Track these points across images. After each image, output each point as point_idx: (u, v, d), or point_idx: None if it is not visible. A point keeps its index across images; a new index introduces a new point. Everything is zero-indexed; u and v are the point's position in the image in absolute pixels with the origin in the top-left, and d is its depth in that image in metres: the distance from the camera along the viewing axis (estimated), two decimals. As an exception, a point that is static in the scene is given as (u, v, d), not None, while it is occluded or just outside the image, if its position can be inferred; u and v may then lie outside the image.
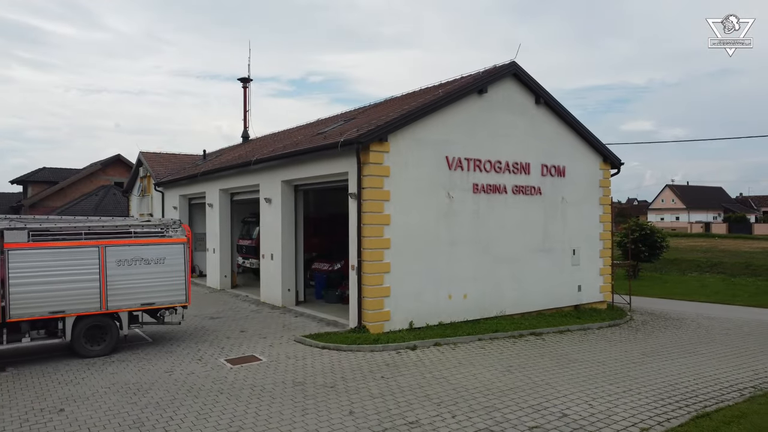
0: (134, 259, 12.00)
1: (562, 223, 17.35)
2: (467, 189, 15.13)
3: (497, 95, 15.80)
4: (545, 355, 11.73)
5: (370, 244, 13.43)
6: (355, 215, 13.71)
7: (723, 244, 69.48)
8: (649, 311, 19.29)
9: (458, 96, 14.87)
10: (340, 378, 9.97)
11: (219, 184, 21.76)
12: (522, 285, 16.26)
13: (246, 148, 26.41)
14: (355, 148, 13.25)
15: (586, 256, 18.08)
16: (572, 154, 17.70)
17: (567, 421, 7.78)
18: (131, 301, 12.03)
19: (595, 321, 16.03)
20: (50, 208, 43.23)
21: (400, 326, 13.81)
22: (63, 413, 8.28)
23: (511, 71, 16.01)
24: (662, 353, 12.39)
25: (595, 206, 18.40)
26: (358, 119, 17.81)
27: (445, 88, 16.35)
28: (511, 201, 16.10)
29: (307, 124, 24.77)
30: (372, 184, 13.42)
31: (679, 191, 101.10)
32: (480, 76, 15.58)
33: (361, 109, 20.78)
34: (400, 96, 19.65)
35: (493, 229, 15.66)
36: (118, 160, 46.98)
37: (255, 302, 18.70)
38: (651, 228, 32.47)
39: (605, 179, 18.73)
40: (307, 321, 15.21)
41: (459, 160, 14.96)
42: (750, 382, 9.96)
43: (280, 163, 17.06)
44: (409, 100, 17.21)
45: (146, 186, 31.24)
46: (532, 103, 16.67)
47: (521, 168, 16.35)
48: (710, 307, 21.37)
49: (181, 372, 10.41)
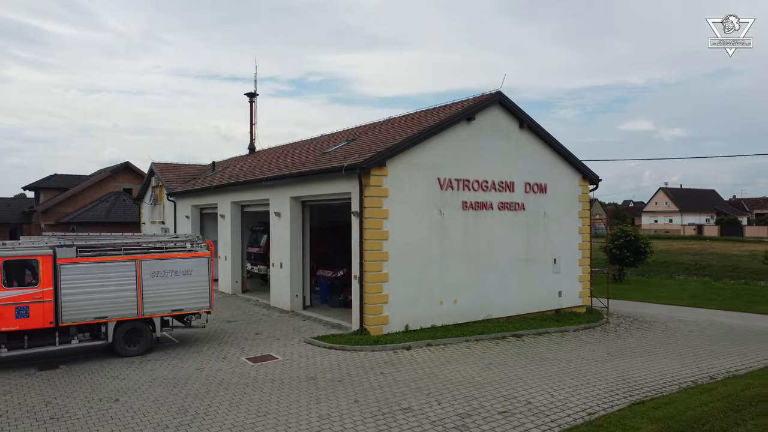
0: (166, 271, 13.83)
1: (544, 235, 19.18)
2: (457, 206, 16.97)
3: (484, 122, 17.63)
4: (521, 354, 13.57)
5: (370, 257, 15.26)
6: (357, 231, 15.55)
7: (713, 247, 71.42)
8: (625, 314, 21.10)
9: (449, 124, 16.71)
10: (346, 373, 11.79)
11: (231, 196, 23.58)
12: (507, 291, 18.09)
13: (254, 161, 28.23)
14: (357, 173, 15.08)
15: (567, 265, 19.91)
16: (553, 172, 19.53)
17: (530, 408, 9.61)
18: (163, 308, 13.86)
19: (572, 324, 17.87)
20: (62, 214, 45.03)
21: (398, 329, 15.64)
22: (118, 403, 10.09)
23: (496, 100, 17.85)
24: (625, 353, 14.22)
25: (574, 219, 20.23)
26: (360, 140, 19.64)
27: (437, 114, 18.18)
28: (497, 216, 17.93)
29: (312, 140, 26.59)
30: (372, 204, 15.25)
31: (673, 194, 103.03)
32: (469, 106, 17.40)
33: (363, 128, 22.59)
34: (398, 117, 21.50)
35: (480, 242, 17.49)
36: (126, 168, 48.81)
37: (265, 306, 20.51)
38: (635, 234, 34.25)
39: (584, 194, 20.56)
40: (314, 324, 17.04)
41: (450, 180, 16.80)
42: (691, 377, 11.78)
43: (288, 181, 18.89)
44: (406, 124, 19.07)
45: (158, 195, 33.02)
46: (516, 128, 18.51)
47: (506, 186, 18.19)
48: (684, 311, 23.17)
49: (210, 369, 12.24)
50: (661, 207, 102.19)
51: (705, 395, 10.08)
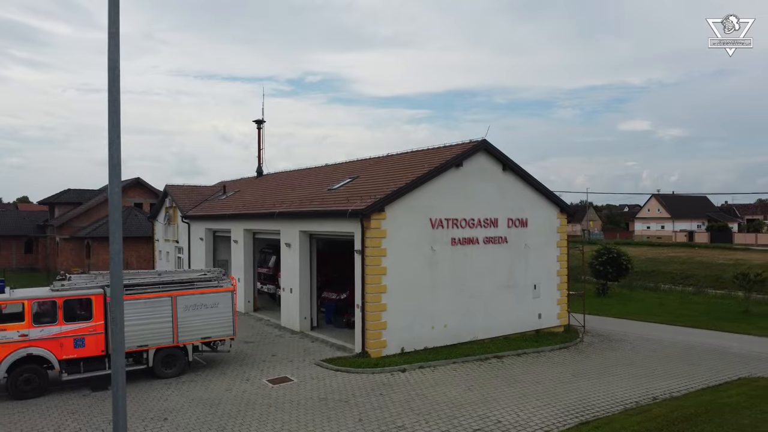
0: (196, 305, 16.24)
1: (524, 264, 21.59)
2: (447, 242, 19.38)
3: (471, 167, 20.04)
4: (499, 376, 15.98)
5: (371, 289, 17.68)
6: (360, 267, 17.96)
7: (701, 255, 73.92)
8: (600, 332, 23.48)
9: (440, 171, 19.12)
10: (351, 394, 14.19)
11: (243, 224, 25.98)
12: (491, 315, 20.50)
13: (263, 187, 30.63)
14: (359, 217, 17.50)
15: (546, 290, 22.32)
16: (533, 207, 21.94)
17: (499, 426, 12.03)
18: (194, 336, 16.28)
19: (548, 344, 20.26)
20: (77, 228, 47.41)
21: (395, 351, 18.04)
22: (167, 421, 12.48)
23: (482, 147, 20.26)
24: (588, 373, 16.62)
25: (553, 248, 22.64)
26: (362, 178, 22.08)
27: (431, 157, 20.62)
28: (482, 249, 20.34)
29: (317, 169, 28.99)
30: (373, 244, 17.66)
31: (665, 201, 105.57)
32: (458, 153, 19.79)
33: (365, 163, 25.00)
34: (396, 155, 23.97)
35: (467, 273, 19.90)
36: (137, 183, 51.26)
37: (276, 326, 22.90)
38: (617, 251, 36.62)
39: (562, 226, 22.96)
40: (321, 346, 19.44)
41: (440, 220, 19.21)
42: (637, 398, 14.18)
43: (298, 216, 21.29)
44: (402, 164, 21.55)
45: (172, 216, 35.39)
46: (500, 170, 20.92)
47: (491, 222, 20.60)
48: (654, 328, 25.48)
49: (237, 390, 14.64)
50: (653, 213, 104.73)
51: (640, 416, 12.49)
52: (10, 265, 51.67)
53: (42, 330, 14.35)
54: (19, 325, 14.15)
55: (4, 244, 51.79)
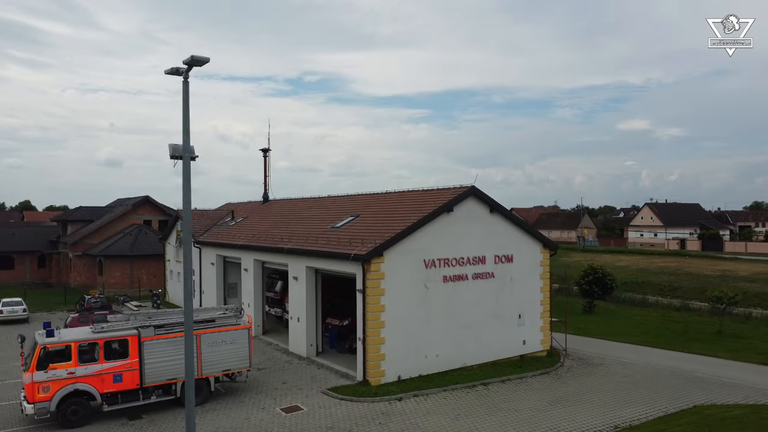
0: (218, 341, 18.46)
1: (510, 296, 23.82)
2: (439, 280, 21.61)
3: (461, 211, 22.27)
4: (484, 404, 18.21)
5: (371, 325, 19.92)
6: (361, 304, 20.21)
7: (691, 265, 76.27)
8: (580, 355, 25.66)
9: (433, 216, 21.35)
10: (354, 423, 16.42)
11: (253, 255, 28.21)
12: (480, 343, 22.72)
13: (269, 216, 32.85)
14: (361, 262, 19.73)
15: (530, 318, 24.54)
16: (518, 244, 24.17)
17: (480, 454, 14.25)
18: (216, 369, 18.51)
19: (531, 370, 22.46)
20: (89, 246, 49.53)
21: (392, 379, 20.27)
22: (198, 449, 14.68)
23: (471, 193, 22.50)
24: (564, 401, 18.83)
25: (536, 281, 24.87)
26: (362, 217, 24.36)
27: (426, 199, 22.87)
28: (471, 284, 22.58)
29: (320, 200, 31.25)
30: (372, 285, 19.90)
31: (657, 209, 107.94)
32: (449, 200, 21.98)
33: (366, 199, 27.27)
34: (395, 193, 26.32)
35: (457, 306, 22.13)
36: (147, 201, 53.47)
37: (285, 351, 25.11)
38: (603, 272, 38.84)
39: (545, 260, 25.18)
40: (327, 373, 21.65)
41: (433, 260, 21.45)
42: (600, 427, 16.40)
43: (304, 254, 23.50)
44: (400, 203, 23.86)
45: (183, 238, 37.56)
46: (487, 212, 23.16)
47: (479, 260, 22.83)
48: (631, 350, 27.56)
49: (255, 419, 16.86)
50: (646, 221, 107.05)
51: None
52: (24, 279, 53.85)
53: (86, 368, 16.57)
54: (67, 365, 16.36)
55: (18, 259, 53.94)
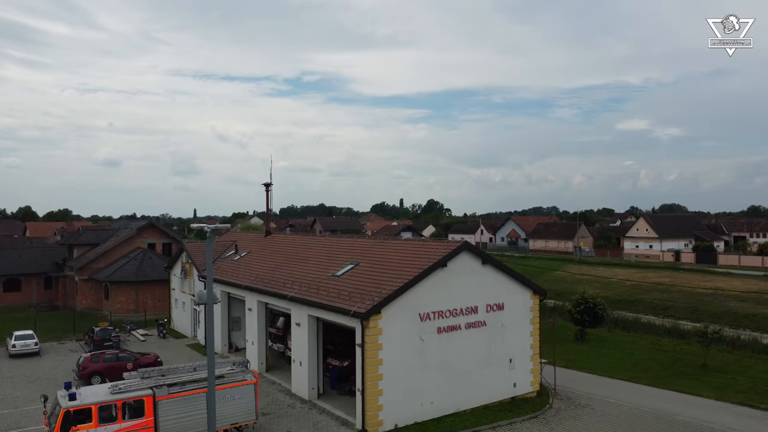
0: (227, 397, 19.76)
1: (501, 342, 25.14)
2: (433, 332, 22.94)
3: (455, 264, 23.59)
4: (475, 457, 19.53)
5: (369, 378, 21.24)
6: (360, 358, 21.52)
7: (684, 280, 77.64)
8: (569, 394, 26.95)
9: (428, 272, 22.66)
10: (354, 479, 17.73)
11: (257, 296, 29.52)
12: (472, 388, 24.03)
13: (272, 253, 34.14)
14: (360, 318, 21.05)
15: (520, 362, 25.86)
16: (509, 292, 25.48)
17: None
18: (225, 423, 19.82)
19: (521, 414, 23.77)
20: (95, 270, 50.82)
21: (389, 428, 21.59)
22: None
23: (464, 248, 23.83)
24: (549, 451, 20.15)
25: (526, 326, 26.19)
26: (362, 266, 25.67)
27: (422, 252, 24.19)
28: (464, 334, 23.89)
29: (321, 240, 32.55)
30: (371, 340, 21.22)
31: (653, 221, 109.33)
32: (444, 255, 23.29)
33: (366, 244, 28.55)
34: (393, 242, 27.53)
35: (451, 355, 23.45)
36: (151, 225, 54.82)
37: (288, 392, 26.41)
38: (594, 301, 40.11)
39: (534, 306, 26.51)
40: (328, 420, 22.96)
41: (428, 313, 22.77)
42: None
43: (307, 303, 24.81)
44: (399, 251, 25.16)
45: (188, 270, 38.90)
46: (480, 264, 24.49)
47: (472, 310, 24.16)
48: (618, 388, 28.73)
49: (262, 474, 18.18)
50: (642, 233, 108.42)
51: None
52: (30, 300, 55.16)
53: (106, 428, 17.89)
54: (88, 426, 17.68)
55: (25, 281, 55.20)
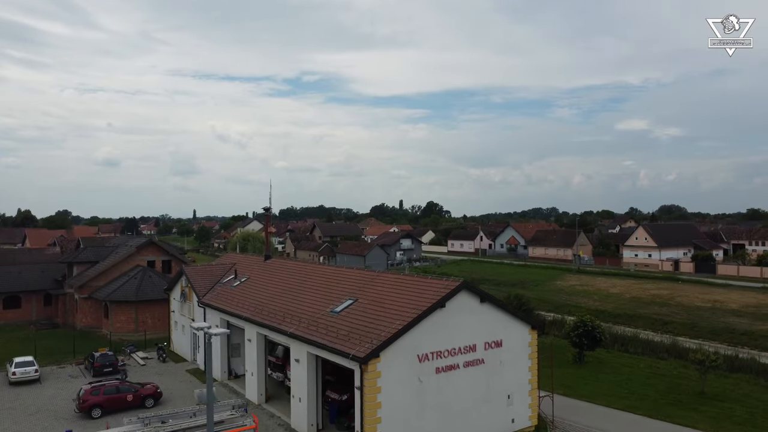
0: (226, 444, 19.93)
1: (500, 379, 25.28)
2: (432, 372, 23.07)
3: (453, 304, 23.72)
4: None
5: (368, 421, 21.37)
6: (359, 401, 21.65)
7: (682, 292, 77.82)
8: (567, 428, 27.07)
9: (427, 313, 22.79)
10: None
11: (257, 328, 29.65)
12: (470, 426, 24.16)
13: (272, 280, 34.25)
14: (359, 362, 21.18)
15: (518, 397, 26.00)
16: (507, 329, 25.62)
17: None
18: (225, 468, 19.97)
19: (518, 453, 23.96)
20: (94, 288, 50.94)
21: (388, 469, 21.73)
22: None
23: (463, 287, 23.96)
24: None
25: (524, 361, 26.33)
26: (360, 302, 25.80)
27: (420, 290, 24.31)
28: (462, 372, 24.02)
29: (321, 269, 32.67)
30: (370, 384, 21.35)
31: (652, 230, 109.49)
32: (443, 296, 23.40)
33: (366, 277, 28.65)
34: (392, 276, 27.75)
35: (449, 394, 23.58)
36: (151, 243, 54.89)
37: (287, 427, 26.52)
38: (592, 325, 40.25)
39: (533, 341, 26.65)
40: (327, 460, 23.10)
41: (426, 354, 22.90)
42: None
43: (306, 341, 24.94)
44: (397, 287, 25.30)
45: (188, 294, 39.02)
46: (478, 303, 24.62)
47: (470, 348, 24.29)
48: (615, 418, 28.94)
49: None
50: (641, 242, 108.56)
51: None
52: (30, 317, 55.24)
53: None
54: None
55: (25, 298, 55.28)
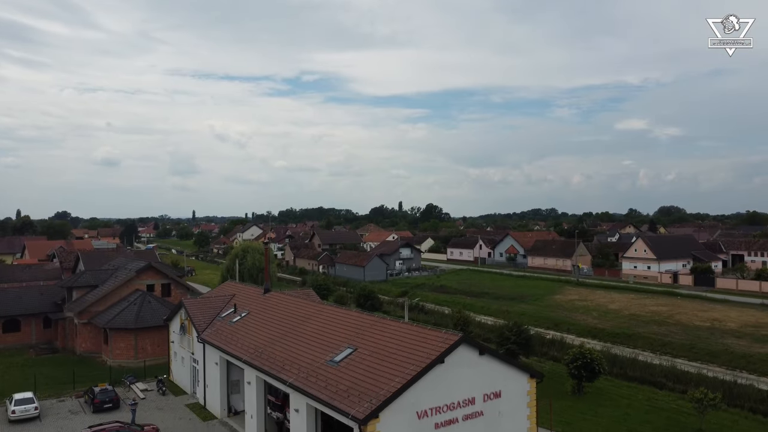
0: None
1: (498, 429, 25.32)
2: (431, 428, 23.12)
3: (452, 359, 23.76)
4: None
5: (367, 481, 21.43)
6: (358, 460, 21.71)
7: (681, 309, 77.91)
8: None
9: (426, 370, 22.85)
10: None
11: (257, 372, 29.68)
12: (469, 479, 24.26)
13: (270, 317, 34.30)
14: (358, 423, 21.23)
15: (517, 447, 26.10)
16: (506, 379, 25.67)
17: None
18: None
19: (517, 506, 24.02)
20: (94, 313, 51.03)
21: None
22: None
23: (462, 341, 24.02)
24: None
25: (523, 410, 26.36)
26: (360, 351, 25.84)
27: (419, 340, 24.36)
28: (462, 426, 24.07)
29: (320, 308, 32.70)
30: (369, 445, 21.42)
31: (651, 242, 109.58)
32: (441, 351, 23.47)
33: (365, 322, 28.66)
34: (391, 322, 27.69)
35: (449, 448, 23.65)
36: (150, 268, 54.93)
37: (286, 475, 26.61)
38: (591, 357, 40.32)
39: (531, 389, 26.70)
40: None
41: (425, 410, 22.96)
42: None
43: (305, 393, 24.99)
44: (396, 335, 25.34)
45: (187, 327, 39.04)
46: (477, 355, 24.67)
47: (469, 401, 24.35)
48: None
49: None
50: (640, 254, 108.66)
51: None
52: (30, 341, 55.26)
53: None
54: None
55: (24, 321, 55.28)
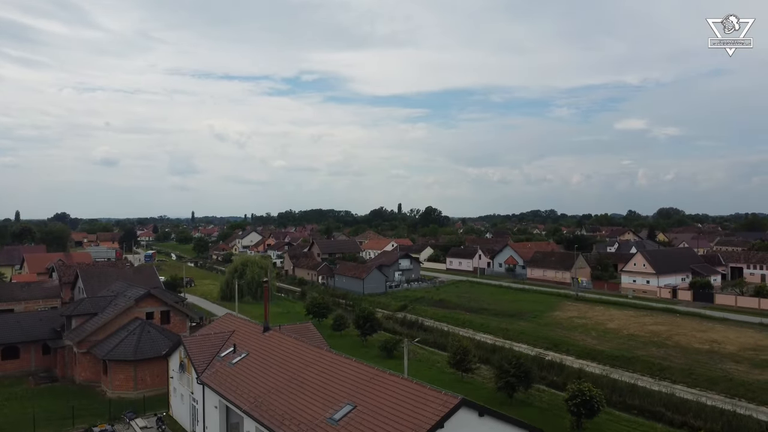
0: None
1: (498, 490, 25.32)
2: (431, 493, 23.09)
3: (452, 423, 23.73)
4: None
5: None
6: None
7: (680, 329, 77.92)
8: None
9: (425, 436, 22.83)
10: None
11: (256, 424, 29.63)
12: None
13: (271, 359, 34.26)
14: (358, 494, 21.22)
15: (517, 504, 26.05)
16: (507, 438, 25.67)
17: None
18: None
19: None
20: (93, 342, 50.98)
21: None
22: None
23: (461, 404, 23.97)
24: None
25: (525, 468, 26.38)
26: (360, 409, 25.80)
27: (418, 396, 24.32)
28: (461, 487, 24.05)
29: (320, 356, 32.67)
30: None
31: (650, 256, 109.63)
32: (441, 416, 23.42)
33: (365, 376, 28.60)
34: (391, 377, 27.65)
35: None
36: (149, 295, 54.90)
37: None
38: (590, 394, 40.32)
39: (533, 446, 26.71)
40: None
41: (425, 477, 22.92)
42: None
43: (305, 453, 25.00)
44: (396, 391, 25.27)
45: (186, 366, 38.98)
46: (476, 416, 24.64)
47: (469, 463, 24.32)
48: None
49: None
50: (639, 268, 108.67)
51: None
52: (29, 368, 55.18)
53: None
54: None
55: (23, 348, 55.19)
